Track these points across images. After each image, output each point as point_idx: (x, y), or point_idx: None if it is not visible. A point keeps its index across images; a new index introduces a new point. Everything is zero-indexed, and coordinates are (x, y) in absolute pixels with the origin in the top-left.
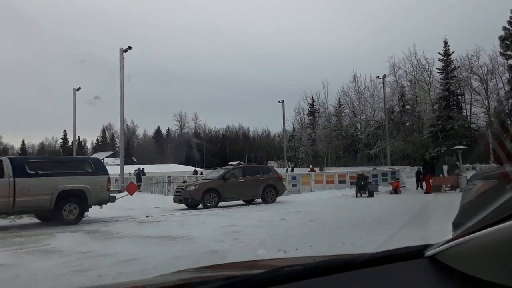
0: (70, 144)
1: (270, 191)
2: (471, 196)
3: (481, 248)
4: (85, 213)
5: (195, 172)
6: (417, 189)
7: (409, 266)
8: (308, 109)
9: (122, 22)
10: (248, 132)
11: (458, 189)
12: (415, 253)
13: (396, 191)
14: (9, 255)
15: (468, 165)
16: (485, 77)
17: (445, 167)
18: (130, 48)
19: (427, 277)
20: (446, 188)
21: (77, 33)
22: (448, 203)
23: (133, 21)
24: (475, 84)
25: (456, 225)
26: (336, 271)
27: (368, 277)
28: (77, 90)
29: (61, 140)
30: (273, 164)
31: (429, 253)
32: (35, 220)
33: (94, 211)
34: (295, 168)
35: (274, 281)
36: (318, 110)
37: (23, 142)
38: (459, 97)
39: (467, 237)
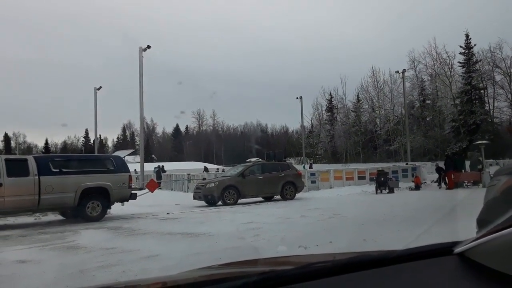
0: (92, 142)
1: (289, 188)
2: (496, 192)
3: (511, 245)
4: (108, 210)
5: (206, 169)
6: (438, 185)
7: (438, 263)
8: (326, 105)
9: (142, 20)
10: (266, 128)
11: (481, 185)
12: (444, 250)
13: (417, 187)
14: (35, 252)
15: (491, 160)
16: (508, 70)
17: (467, 163)
18: (149, 47)
19: (457, 274)
20: (468, 184)
21: (96, 33)
22: (472, 199)
23: (152, 19)
24: (498, 77)
25: (480, 221)
26: (367, 267)
27: (399, 274)
28: (98, 89)
29: (83, 139)
30: (291, 160)
31: (458, 250)
32: (60, 217)
33: (116, 208)
34: (313, 165)
35: (306, 277)
36: (337, 106)
37: (46, 141)
38: (482, 91)
39: (496, 234)
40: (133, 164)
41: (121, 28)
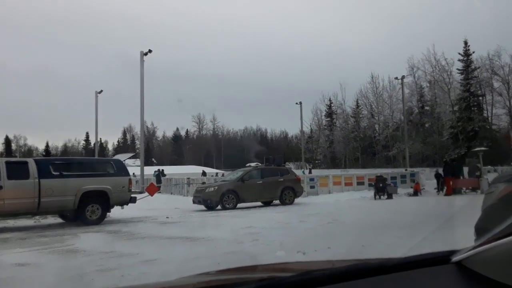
0: (92, 145)
1: (288, 193)
2: (494, 200)
3: (509, 254)
4: (107, 213)
5: (204, 173)
6: (437, 191)
7: (436, 271)
8: (325, 111)
9: (142, 25)
10: (266, 133)
11: (479, 191)
12: (441, 258)
13: (416, 193)
14: (34, 255)
15: (489, 167)
16: (507, 78)
17: (465, 169)
18: (150, 51)
19: (454, 283)
20: (467, 190)
21: (97, 37)
22: (470, 206)
23: (153, 24)
24: (496, 84)
25: (478, 229)
26: (366, 275)
27: (397, 282)
28: (99, 92)
29: (84, 142)
30: (290, 165)
31: (456, 258)
32: (59, 220)
33: (115, 212)
34: (312, 170)
35: (305, 284)
36: (336, 111)
37: (47, 143)
38: (480, 98)
39: (494, 243)
40: (133, 167)
41: (122, 32)
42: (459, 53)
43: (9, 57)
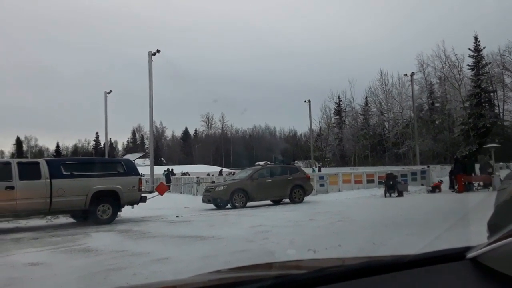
0: (102, 145)
1: (298, 191)
2: (506, 196)
3: None
4: (118, 213)
5: (208, 174)
6: (449, 188)
7: (451, 268)
8: (334, 109)
9: (150, 25)
10: (275, 132)
11: (491, 188)
12: (456, 255)
13: (433, 189)
14: (47, 254)
15: (501, 163)
16: None
17: (477, 166)
18: (158, 51)
19: (470, 279)
20: (479, 187)
21: (106, 37)
22: (483, 203)
23: (161, 24)
24: (508, 80)
25: (491, 226)
26: (380, 272)
27: (412, 279)
28: (108, 93)
29: (94, 142)
30: (300, 164)
31: (470, 255)
32: (71, 220)
33: (126, 211)
34: (322, 168)
35: (320, 281)
36: (345, 109)
37: (58, 144)
38: (491, 94)
39: (509, 239)
40: (143, 167)
41: (131, 32)
42: (469, 49)
43: (19, 59)
